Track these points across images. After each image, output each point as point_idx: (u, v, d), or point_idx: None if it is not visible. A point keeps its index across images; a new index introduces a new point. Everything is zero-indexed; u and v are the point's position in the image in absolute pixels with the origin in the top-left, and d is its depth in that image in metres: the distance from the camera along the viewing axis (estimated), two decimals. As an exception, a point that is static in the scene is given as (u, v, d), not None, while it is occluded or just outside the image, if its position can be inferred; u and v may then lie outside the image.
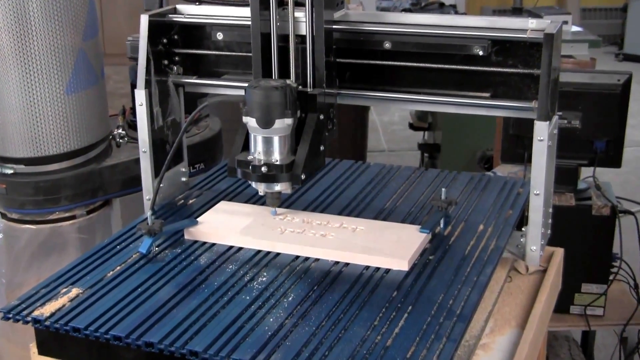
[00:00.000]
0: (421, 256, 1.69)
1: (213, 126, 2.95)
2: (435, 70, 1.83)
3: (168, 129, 2.01)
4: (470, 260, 1.68)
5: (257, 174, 1.70)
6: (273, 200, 1.79)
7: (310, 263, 1.67)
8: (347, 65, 1.87)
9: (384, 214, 1.90)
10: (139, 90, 1.92)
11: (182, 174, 2.08)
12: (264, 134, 1.69)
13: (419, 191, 2.03)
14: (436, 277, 1.61)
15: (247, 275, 1.62)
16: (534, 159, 1.72)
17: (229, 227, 1.79)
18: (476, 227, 1.82)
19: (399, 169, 2.17)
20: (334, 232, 1.76)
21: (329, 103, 1.79)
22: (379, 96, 1.87)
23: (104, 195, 2.60)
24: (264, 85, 1.66)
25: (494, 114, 1.83)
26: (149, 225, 1.72)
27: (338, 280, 1.60)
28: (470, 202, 1.95)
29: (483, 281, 1.60)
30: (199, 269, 1.65)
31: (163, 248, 1.74)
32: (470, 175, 2.11)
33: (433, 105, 1.86)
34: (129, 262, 1.69)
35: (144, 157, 1.96)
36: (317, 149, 1.75)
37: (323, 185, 2.07)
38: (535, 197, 1.74)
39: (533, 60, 1.75)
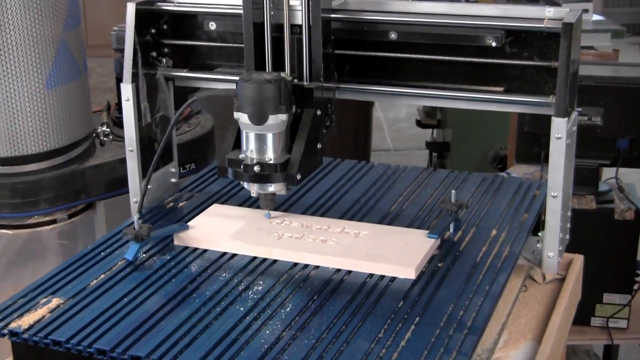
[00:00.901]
0: (429, 263, 1.69)
1: (205, 123, 2.95)
2: (444, 63, 1.83)
3: (157, 126, 2.01)
4: (482, 267, 1.68)
5: (249, 174, 1.70)
6: (267, 202, 1.80)
7: (309, 271, 1.67)
8: (346, 58, 1.87)
9: (389, 217, 1.90)
10: (125, 84, 1.92)
11: (172, 174, 2.09)
12: (256, 131, 1.69)
13: (427, 193, 2.03)
14: (445, 286, 1.61)
15: (242, 284, 1.63)
16: (552, 158, 1.72)
17: (222, 232, 1.80)
18: (489, 232, 1.83)
19: (405, 170, 2.18)
20: (335, 238, 1.76)
21: (326, 98, 1.79)
22: (383, 91, 1.88)
23: (87, 198, 2.60)
24: (256, 78, 1.67)
25: (508, 110, 1.83)
26: (135, 230, 1.72)
27: (339, 290, 1.60)
28: (482, 205, 1.96)
29: (496, 290, 1.61)
30: (190, 277, 1.65)
31: (151, 255, 1.74)
32: (482, 176, 2.12)
33: (442, 101, 1.86)
34: (114, 270, 1.69)
35: (131, 156, 1.96)
36: (313, 147, 1.76)
37: (324, 187, 2.08)
38: (553, 199, 1.74)
39: (550, 52, 1.76)
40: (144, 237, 1.72)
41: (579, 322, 2.83)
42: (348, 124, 4.27)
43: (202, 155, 2.85)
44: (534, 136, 2.90)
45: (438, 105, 1.96)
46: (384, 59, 1.86)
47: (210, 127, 2.94)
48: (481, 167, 4.24)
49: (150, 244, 1.77)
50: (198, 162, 2.80)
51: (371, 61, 1.88)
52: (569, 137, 1.71)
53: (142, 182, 1.96)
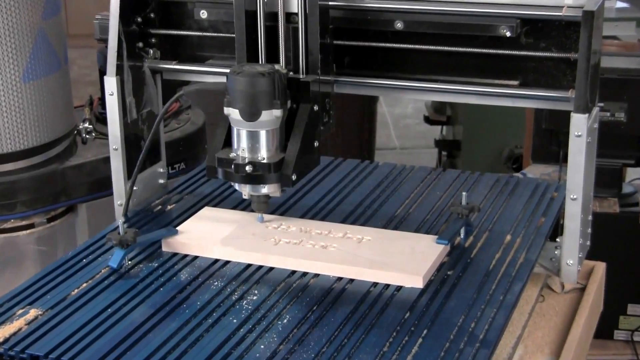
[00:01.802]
0: (438, 271, 1.69)
1: (195, 119, 2.95)
2: (454, 55, 1.83)
3: (143, 122, 2.01)
4: (495, 276, 1.68)
5: (240, 174, 1.71)
6: (260, 205, 1.80)
7: (308, 279, 1.67)
8: (346, 49, 1.88)
9: (395, 221, 1.91)
10: (109, 77, 1.92)
11: (160, 175, 2.09)
12: (248, 128, 1.69)
13: (435, 195, 2.04)
14: (456, 296, 1.61)
15: (235, 294, 1.63)
16: (571, 157, 1.72)
17: (213, 237, 1.80)
18: (502, 237, 1.83)
19: (412, 170, 2.18)
20: (337, 243, 1.77)
21: (324, 92, 1.79)
22: (387, 85, 1.88)
23: (68, 200, 2.61)
24: (248, 71, 1.67)
25: (523, 106, 1.83)
26: (120, 236, 1.72)
27: (341, 299, 1.60)
28: (496, 209, 1.96)
29: (511, 301, 1.61)
30: (179, 286, 1.65)
31: (137, 262, 1.75)
32: (495, 177, 2.12)
33: (452, 96, 1.86)
34: (96, 279, 1.69)
35: (115, 155, 1.96)
36: (310, 145, 1.76)
37: (324, 188, 2.08)
38: (572, 202, 1.75)
39: (570, 43, 1.76)
40: (130, 242, 1.72)
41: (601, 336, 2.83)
42: (350, 121, 4.27)
43: (193, 154, 2.85)
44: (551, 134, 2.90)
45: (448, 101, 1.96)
46: (388, 50, 1.87)
47: (201, 123, 2.94)
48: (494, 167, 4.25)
49: (136, 250, 1.77)
50: (188, 162, 2.80)
51: (374, 52, 1.88)
52: (590, 134, 1.71)
53: (127, 183, 1.96)
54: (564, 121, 1.73)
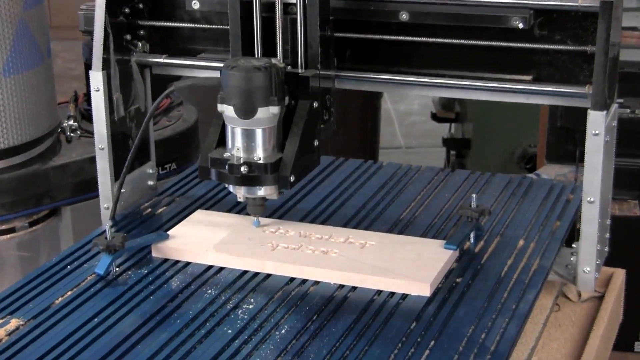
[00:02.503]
0: (446, 278, 1.70)
1: (187, 117, 2.95)
2: (464, 48, 1.83)
3: (131, 120, 2.02)
4: (507, 283, 1.68)
5: (235, 176, 1.71)
6: (256, 208, 1.80)
7: (308, 287, 1.68)
8: (348, 41, 1.88)
9: (400, 225, 1.91)
10: (94, 72, 1.93)
11: (149, 176, 2.09)
12: (243, 126, 1.70)
13: (443, 197, 2.04)
14: (465, 305, 1.62)
15: (230, 302, 1.63)
16: (588, 157, 1.72)
17: (207, 242, 1.80)
18: (515, 242, 1.83)
19: (418, 170, 2.18)
20: (338, 249, 1.77)
21: (324, 88, 1.80)
22: (392, 80, 1.88)
23: (51, 203, 2.61)
24: (243, 65, 1.67)
25: (537, 102, 1.84)
26: (107, 240, 1.72)
27: (343, 309, 1.61)
28: (508, 212, 1.96)
29: (524, 310, 1.61)
30: (170, 295, 1.66)
31: (125, 268, 1.75)
32: (507, 178, 2.12)
33: (461, 91, 1.87)
34: (82, 286, 1.69)
35: (101, 155, 1.97)
36: (309, 144, 1.76)
37: (324, 190, 2.08)
38: (589, 205, 1.75)
39: (587, 35, 1.76)
40: (117, 248, 1.72)
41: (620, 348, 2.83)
42: (352, 118, 4.28)
43: (184, 153, 2.85)
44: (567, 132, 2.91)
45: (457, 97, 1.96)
46: (393, 43, 1.87)
47: (193, 120, 2.94)
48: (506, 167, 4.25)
49: (124, 256, 1.77)
50: (179, 162, 2.81)
51: (378, 45, 1.88)
52: (608, 133, 1.72)
53: (114, 185, 1.97)
54: (580, 119, 1.74)
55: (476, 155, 4.44)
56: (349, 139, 4.27)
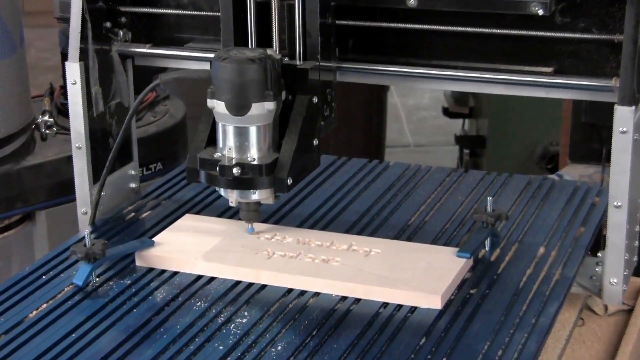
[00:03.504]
0: (459, 290, 1.70)
1: (174, 112, 2.96)
2: (478, 37, 1.84)
3: (112, 116, 2.02)
4: (526, 295, 1.69)
5: (226, 178, 1.71)
6: (250, 213, 1.80)
7: (307, 299, 1.68)
8: (351, 30, 1.88)
9: (409, 231, 1.92)
10: (71, 63, 1.93)
11: (131, 178, 2.10)
12: (236, 123, 1.70)
13: (456, 201, 2.04)
14: (480, 319, 1.62)
15: (221, 316, 1.63)
16: (615, 157, 1.73)
17: (196, 249, 1.81)
18: (535, 250, 1.84)
19: (429, 171, 2.19)
20: (340, 257, 1.77)
21: (325, 81, 1.80)
22: (399, 72, 1.89)
23: (24, 207, 2.61)
24: (235, 56, 1.68)
25: (559, 96, 1.84)
26: (86, 248, 1.73)
27: (346, 323, 1.61)
28: (527, 216, 1.97)
29: (544, 324, 1.62)
30: (156, 308, 1.66)
31: (106, 278, 1.75)
32: (526, 179, 2.13)
33: (475, 85, 1.87)
34: (59, 298, 1.70)
35: (79, 154, 1.97)
36: (308, 143, 1.77)
37: (325, 193, 2.09)
38: (616, 210, 1.75)
39: (613, 22, 1.76)
40: (97, 256, 1.73)
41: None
42: (356, 114, 4.28)
43: (171, 152, 2.86)
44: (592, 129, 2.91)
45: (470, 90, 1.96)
46: (400, 31, 1.87)
47: (181, 116, 2.95)
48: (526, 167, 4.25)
49: (105, 265, 1.78)
50: (166, 161, 2.81)
51: (383, 34, 1.89)
52: (637, 130, 1.72)
53: (93, 187, 1.97)
54: (606, 114, 1.74)
55: (492, 155, 4.44)
56: (352, 136, 4.27)
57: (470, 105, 4.78)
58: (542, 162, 4.30)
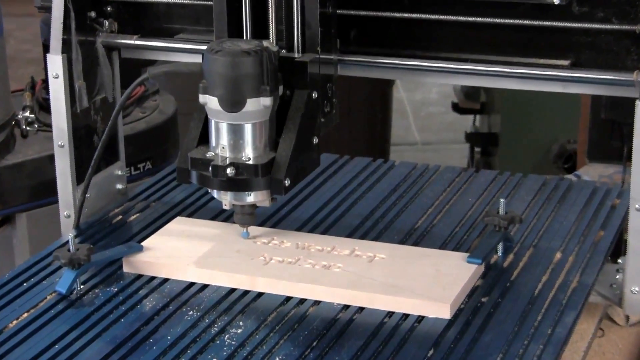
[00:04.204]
0: (469, 298, 1.70)
1: (164, 107, 2.96)
2: (490, 27, 1.84)
3: (96, 112, 2.02)
4: (541, 304, 1.69)
5: (219, 179, 1.71)
6: (244, 217, 1.80)
7: (307, 308, 1.69)
8: (353, 20, 1.89)
9: (415, 235, 1.92)
10: (53, 55, 1.93)
11: (118, 178, 2.10)
12: (230, 120, 1.70)
13: (466, 202, 2.05)
14: (492, 329, 1.62)
15: (215, 326, 1.64)
16: (636, 156, 1.73)
17: (187, 255, 1.81)
18: (551, 255, 1.84)
19: (437, 171, 2.19)
20: (342, 263, 1.78)
21: (325, 75, 1.80)
22: (405, 65, 1.89)
23: (3, 209, 2.61)
24: (229, 48, 1.68)
25: (576, 91, 1.84)
26: (70, 253, 1.73)
27: (348, 333, 1.61)
28: (542, 219, 1.97)
29: (561, 335, 1.62)
30: (144, 317, 1.66)
31: (91, 286, 1.76)
32: (542, 180, 2.13)
33: (487, 79, 1.87)
34: (41, 307, 1.70)
35: (61, 153, 1.97)
36: (307, 141, 1.77)
37: (326, 194, 2.09)
38: (638, 213, 1.75)
39: (635, 11, 1.76)
40: (82, 262, 1.73)
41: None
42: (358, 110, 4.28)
43: (161, 150, 2.86)
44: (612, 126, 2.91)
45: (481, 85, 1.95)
46: (406, 21, 1.87)
47: (171, 112, 2.95)
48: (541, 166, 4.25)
49: (90, 271, 1.78)
50: (155, 160, 2.81)
51: (388, 24, 1.89)
52: (660, 126, 1.72)
53: (76, 188, 1.97)
54: (627, 110, 1.74)
55: (505, 153, 4.44)
56: (354, 134, 4.27)
57: (481, 101, 4.78)
58: (558, 161, 4.31)
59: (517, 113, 4.36)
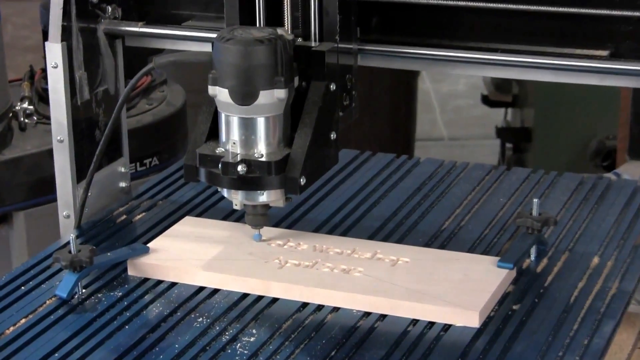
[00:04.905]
0: (500, 305, 1.70)
1: (173, 99, 2.96)
2: (522, 15, 1.84)
3: (98, 105, 2.02)
4: (578, 312, 1.69)
5: (230, 177, 1.72)
6: (257, 218, 1.81)
7: (325, 314, 1.69)
8: (374, 6, 1.89)
9: (442, 238, 1.92)
10: (52, 43, 1.93)
11: (121, 176, 2.10)
12: (241, 114, 1.71)
13: (497, 203, 2.05)
14: (524, 339, 1.62)
15: (226, 334, 1.64)
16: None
17: (196, 258, 1.81)
18: (588, 260, 1.84)
19: (465, 168, 2.19)
20: (363, 267, 1.78)
21: (344, 65, 1.80)
22: (430, 55, 1.89)
23: (0, 207, 2.62)
24: (241, 37, 1.68)
25: (615, 84, 1.84)
26: (71, 255, 1.74)
27: (369, 343, 1.62)
28: (579, 221, 1.97)
29: (599, 346, 1.62)
30: (151, 324, 1.67)
31: (94, 290, 1.76)
32: (578, 179, 2.13)
33: (519, 71, 1.87)
34: (40, 312, 1.71)
35: (60, 149, 1.97)
36: (325, 137, 1.77)
37: (345, 193, 2.09)
38: (681, 213, 1.76)
39: (680, -2, 1.77)
40: (84, 264, 1.74)
41: None
42: (381, 102, 4.28)
43: (169, 145, 2.86)
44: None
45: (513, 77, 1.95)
46: (432, 8, 1.88)
47: (180, 104, 2.95)
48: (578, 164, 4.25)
49: (92, 274, 1.79)
50: (162, 156, 2.81)
51: (413, 11, 1.89)
52: None
53: (76, 187, 1.98)
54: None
55: (539, 149, 4.43)
56: (376, 128, 4.28)
57: (513, 93, 4.77)
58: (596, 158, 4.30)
59: (552, 106, 4.35)
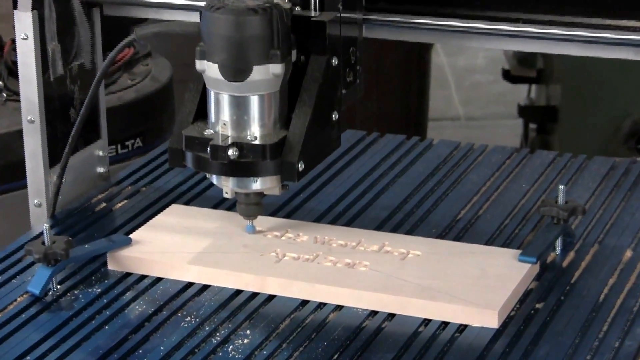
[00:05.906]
0: (522, 304, 1.71)
1: (158, 74, 2.96)
2: (547, -21, 1.85)
3: (74, 81, 2.02)
4: (608, 311, 1.70)
5: (220, 162, 1.72)
6: (250, 207, 1.81)
7: (326, 314, 1.69)
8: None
9: (457, 229, 1.93)
10: (21, 12, 1.93)
11: (99, 160, 2.10)
12: (232, 92, 1.71)
13: (518, 189, 2.05)
14: (548, 341, 1.63)
15: (217, 335, 1.65)
16: None
17: (184, 250, 1.82)
18: (619, 253, 1.84)
19: (483, 151, 2.19)
20: (369, 260, 1.79)
21: (347, 37, 1.81)
22: (444, 26, 1.89)
23: (-35, 195, 2.63)
24: (232, 5, 1.68)
25: (652, 58, 1.85)
26: (45, 247, 1.74)
27: (376, 344, 1.62)
28: (610, 210, 1.98)
29: (631, 349, 1.62)
30: (133, 324, 1.67)
31: (70, 286, 1.77)
32: (609, 163, 2.13)
33: (544, 43, 1.88)
34: (10, 311, 1.71)
35: (31, 130, 1.98)
36: (326, 117, 1.78)
37: (350, 179, 2.10)
38: None
39: None
40: (59, 257, 1.74)
41: None
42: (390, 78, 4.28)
43: (153, 124, 2.86)
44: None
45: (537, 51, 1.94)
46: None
47: (166, 79, 2.95)
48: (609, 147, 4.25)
49: (68, 268, 1.79)
50: (147, 137, 2.81)
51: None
52: None
53: (49, 172, 1.98)
54: None
55: (566, 130, 4.43)
56: (385, 106, 4.28)
57: (538, 68, 4.77)
58: (630, 140, 4.30)
59: (580, 83, 4.35)
